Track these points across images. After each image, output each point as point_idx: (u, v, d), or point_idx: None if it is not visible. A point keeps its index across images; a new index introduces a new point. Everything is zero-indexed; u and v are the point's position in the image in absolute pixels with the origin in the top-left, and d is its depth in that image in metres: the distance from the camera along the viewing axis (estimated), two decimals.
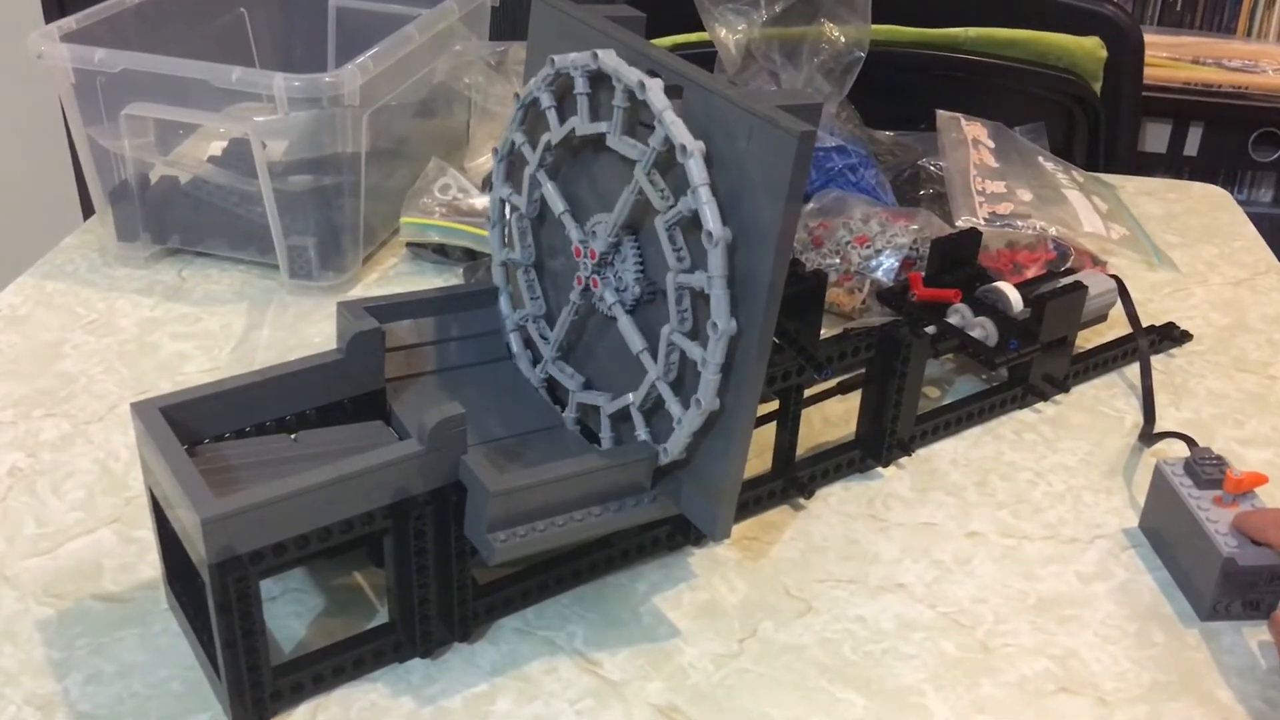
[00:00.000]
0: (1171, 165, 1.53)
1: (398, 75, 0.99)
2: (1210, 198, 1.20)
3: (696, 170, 0.57)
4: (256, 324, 0.93)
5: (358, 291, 0.98)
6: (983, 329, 0.85)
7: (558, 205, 0.67)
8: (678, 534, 0.72)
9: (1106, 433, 0.85)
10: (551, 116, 0.66)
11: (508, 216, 0.74)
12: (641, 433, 0.66)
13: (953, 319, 0.86)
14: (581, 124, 0.64)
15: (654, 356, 0.64)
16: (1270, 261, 1.08)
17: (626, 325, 0.66)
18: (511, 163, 0.72)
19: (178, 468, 0.57)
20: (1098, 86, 1.21)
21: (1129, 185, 1.21)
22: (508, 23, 1.19)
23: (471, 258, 0.98)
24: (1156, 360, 0.92)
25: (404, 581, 0.62)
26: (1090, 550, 0.74)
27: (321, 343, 0.91)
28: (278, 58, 1.22)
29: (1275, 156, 1.48)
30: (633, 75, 0.59)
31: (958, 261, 0.90)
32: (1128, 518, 0.77)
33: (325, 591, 0.68)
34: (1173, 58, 1.50)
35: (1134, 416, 0.86)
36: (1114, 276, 0.91)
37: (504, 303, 0.76)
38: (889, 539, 0.74)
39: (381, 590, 0.68)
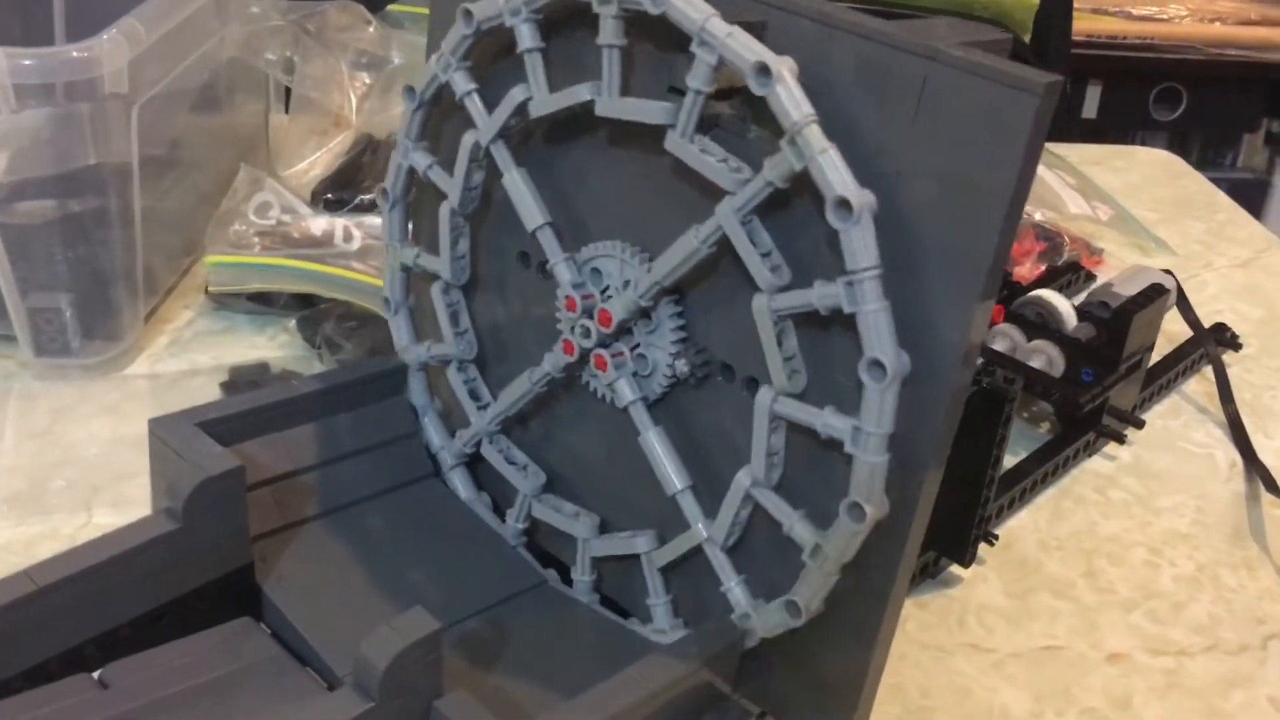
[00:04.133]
0: (1064, 130, 1.37)
1: (173, 50, 0.68)
2: (1165, 164, 1.03)
3: (861, 246, 0.32)
4: None
5: (141, 367, 0.68)
6: (1044, 356, 0.64)
7: (534, 216, 0.41)
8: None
9: (1203, 479, 0.65)
10: (535, 67, 0.40)
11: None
12: (659, 600, 0.42)
13: (1000, 345, 0.64)
14: (607, 99, 0.38)
15: (688, 483, 0.40)
16: (1266, 235, 0.92)
17: (655, 446, 0.40)
18: (433, 113, 0.45)
19: None
20: (1028, 39, 1.02)
21: (1071, 155, 1.02)
22: None
23: (308, 305, 0.69)
24: (1208, 373, 0.73)
25: None
26: (1270, 660, 0.54)
27: (98, 454, 0.60)
28: None
29: (1176, 115, 1.35)
30: (698, 10, 0.34)
31: None
32: None
33: None
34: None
35: (1224, 452, 0.67)
36: (1168, 272, 0.71)
37: (403, 328, 0.48)
38: (1010, 680, 0.52)
39: None
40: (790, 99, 0.33)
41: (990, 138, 0.32)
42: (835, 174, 0.32)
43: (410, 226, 0.48)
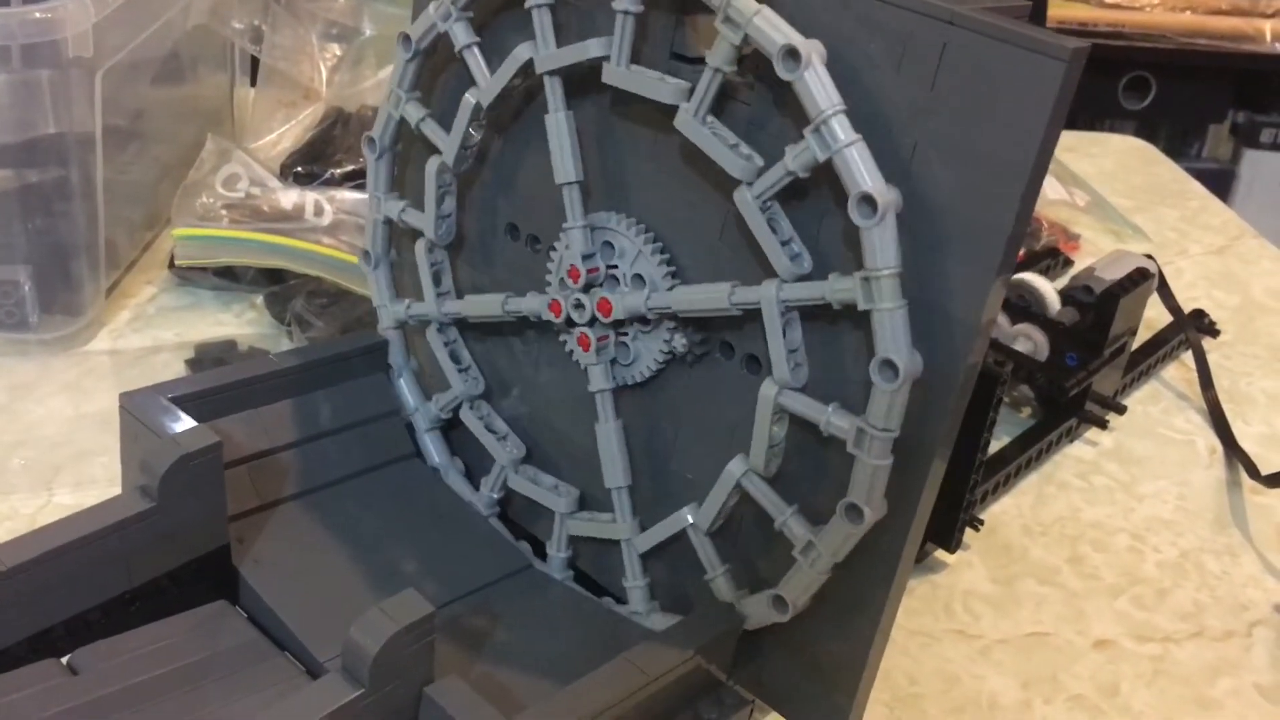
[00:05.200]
0: None
1: (138, 15, 0.66)
2: (1138, 151, 1.03)
3: (884, 400, 0.32)
4: None
5: (103, 343, 0.65)
6: (1029, 340, 0.63)
7: (568, 169, 0.39)
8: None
9: (1184, 465, 0.64)
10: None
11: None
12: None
13: None
14: (687, 119, 0.35)
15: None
16: (1239, 223, 0.92)
17: (609, 436, 0.40)
18: (428, 63, 0.44)
19: None
20: None
21: None
22: None
23: (276, 281, 0.67)
24: (1186, 360, 0.73)
25: None
26: (1255, 647, 0.53)
27: (58, 432, 0.58)
28: None
29: (1145, 104, 1.35)
30: None
31: None
32: (1272, 589, 0.57)
33: None
34: None
35: (1204, 438, 0.67)
36: (1150, 257, 0.70)
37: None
38: (997, 667, 0.51)
39: None
40: (883, 241, 0.31)
41: (1013, 106, 0.30)
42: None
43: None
